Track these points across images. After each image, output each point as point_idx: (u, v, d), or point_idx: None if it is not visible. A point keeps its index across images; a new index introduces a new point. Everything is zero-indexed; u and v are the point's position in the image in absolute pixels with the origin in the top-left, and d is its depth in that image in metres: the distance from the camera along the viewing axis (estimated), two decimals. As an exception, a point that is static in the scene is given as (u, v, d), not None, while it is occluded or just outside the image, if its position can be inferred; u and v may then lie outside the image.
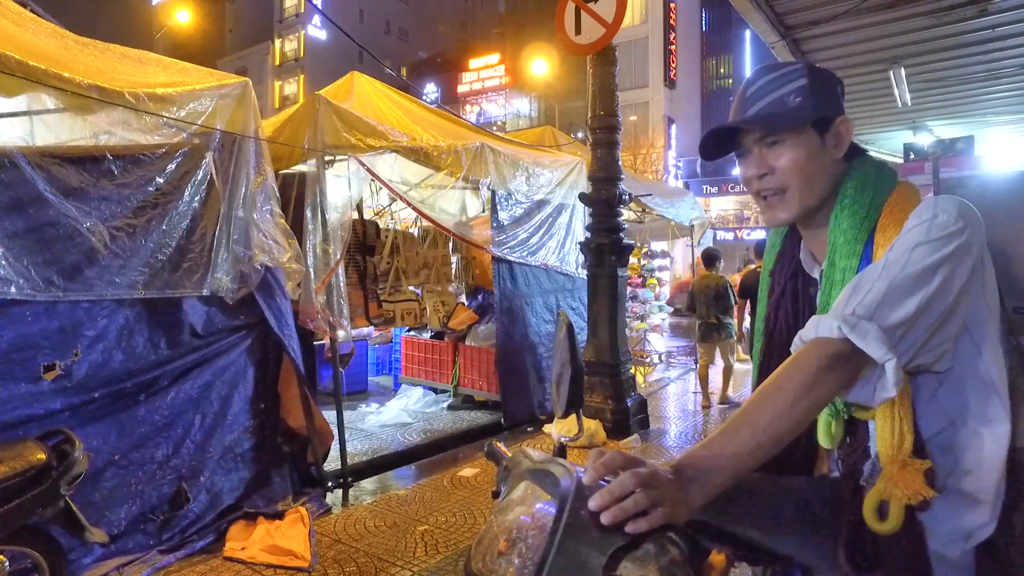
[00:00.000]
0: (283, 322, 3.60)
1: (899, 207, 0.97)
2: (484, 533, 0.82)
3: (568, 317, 1.09)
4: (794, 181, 1.02)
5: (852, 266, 0.97)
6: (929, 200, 0.93)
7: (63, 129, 3.20)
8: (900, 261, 0.87)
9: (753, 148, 1.05)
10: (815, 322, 0.86)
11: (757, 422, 0.80)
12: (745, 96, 1.06)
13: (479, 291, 6.83)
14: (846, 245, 0.99)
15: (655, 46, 25.85)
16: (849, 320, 0.83)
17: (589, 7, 5.11)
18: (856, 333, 0.82)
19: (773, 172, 1.03)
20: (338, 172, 4.42)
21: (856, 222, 0.99)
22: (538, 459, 0.89)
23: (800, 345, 0.88)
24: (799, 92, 1.02)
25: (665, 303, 9.37)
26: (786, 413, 0.81)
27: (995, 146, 8.40)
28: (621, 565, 0.67)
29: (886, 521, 0.90)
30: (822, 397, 0.84)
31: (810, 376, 0.82)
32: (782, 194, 1.04)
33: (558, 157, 6.33)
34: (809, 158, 1.02)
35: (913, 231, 0.89)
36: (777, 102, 1.02)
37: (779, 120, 1.02)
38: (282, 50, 38.53)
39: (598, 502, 0.69)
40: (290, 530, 3.27)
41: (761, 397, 0.84)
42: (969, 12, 5.12)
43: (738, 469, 0.79)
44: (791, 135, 1.02)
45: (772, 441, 0.81)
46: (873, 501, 0.91)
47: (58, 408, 2.83)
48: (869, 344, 0.81)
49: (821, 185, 1.03)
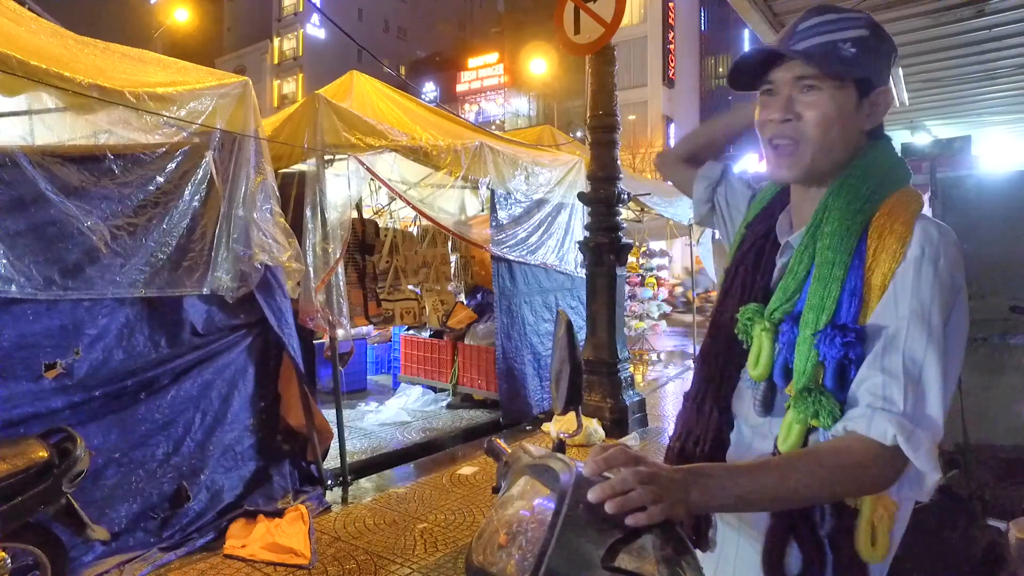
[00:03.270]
0: (283, 321, 3.61)
1: (899, 208, 0.93)
2: (484, 527, 0.84)
3: (567, 315, 1.10)
4: (816, 136, 0.94)
5: (843, 262, 0.92)
6: (937, 241, 0.89)
7: (63, 128, 3.21)
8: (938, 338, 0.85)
9: (784, 89, 0.95)
10: (867, 416, 0.83)
11: (785, 477, 0.80)
12: (796, 29, 0.95)
13: (478, 290, 6.84)
14: (836, 236, 0.93)
15: (654, 45, 25.86)
16: (905, 428, 0.81)
17: (588, 7, 5.12)
18: (911, 445, 0.81)
19: (799, 119, 0.94)
20: (337, 171, 4.43)
21: (851, 211, 0.94)
22: (538, 455, 0.90)
23: (842, 432, 0.86)
24: (857, 43, 0.92)
25: (663, 301, 9.41)
26: (813, 486, 0.81)
27: (992, 146, 8.42)
28: (619, 557, 0.68)
29: (876, 547, 0.90)
30: (860, 489, 0.86)
31: (853, 468, 0.82)
32: (795, 147, 0.96)
33: (557, 156, 6.34)
34: (840, 117, 0.94)
35: (937, 285, 0.87)
36: (831, 45, 0.92)
37: (828, 63, 0.92)
38: (281, 49, 38.48)
39: (598, 494, 0.70)
40: (290, 528, 3.28)
41: (801, 458, 0.85)
42: (967, 13, 5.14)
43: (745, 503, 0.80)
44: (831, 86, 0.93)
45: (787, 499, 0.82)
46: (865, 528, 0.91)
47: (59, 406, 2.84)
48: (921, 458, 0.81)
49: (839, 151, 0.96)
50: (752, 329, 1.00)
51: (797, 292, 0.97)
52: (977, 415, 3.78)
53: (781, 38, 0.97)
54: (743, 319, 1.02)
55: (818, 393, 0.89)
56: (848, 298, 0.91)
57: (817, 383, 0.91)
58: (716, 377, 1.08)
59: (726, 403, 1.06)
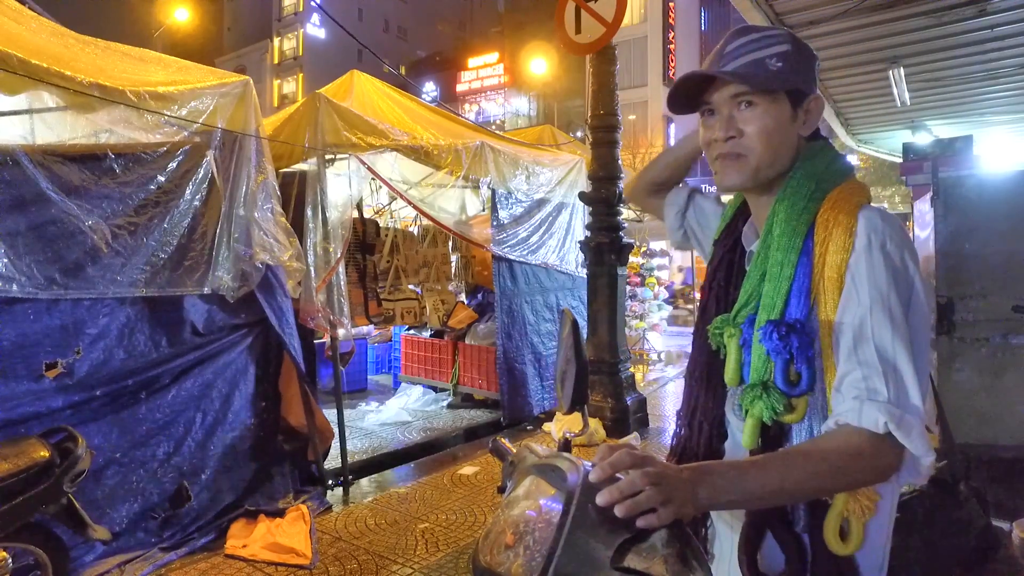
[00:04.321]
0: (284, 320, 3.61)
1: (841, 200, 0.96)
2: (491, 527, 0.83)
3: (572, 313, 1.09)
4: (758, 148, 0.98)
5: (791, 260, 0.96)
6: (882, 228, 0.92)
7: (64, 127, 3.20)
8: (900, 322, 0.88)
9: (724, 108, 1.00)
10: (856, 409, 0.85)
11: (788, 472, 0.82)
12: (724, 52, 1.00)
13: (479, 290, 6.84)
14: (783, 237, 0.97)
15: (654, 45, 25.86)
16: (894, 415, 0.83)
17: (589, 6, 5.11)
18: (902, 430, 0.83)
19: (741, 135, 0.99)
20: (338, 171, 4.43)
21: (795, 211, 0.97)
22: (544, 454, 0.90)
23: (834, 427, 0.87)
24: (781, 57, 0.97)
25: (664, 301, 9.40)
26: (817, 478, 0.83)
27: (993, 146, 8.42)
28: (628, 557, 0.68)
29: (848, 542, 0.91)
30: (866, 479, 0.87)
31: (856, 458, 0.84)
32: (740, 157, 1.00)
33: (558, 156, 6.34)
34: (778, 128, 0.98)
35: (891, 271, 0.89)
36: (758, 63, 0.97)
37: (759, 80, 0.97)
38: (281, 48, 38.47)
39: (607, 497, 0.69)
40: (291, 528, 3.28)
41: (803, 452, 0.87)
42: (968, 12, 5.14)
43: (750, 499, 0.83)
44: (766, 101, 0.97)
45: (793, 493, 0.84)
46: (834, 522, 0.92)
47: (60, 406, 2.83)
48: (913, 441, 0.83)
49: (782, 159, 1.00)
50: (722, 338, 1.03)
51: (756, 295, 1.00)
52: (979, 415, 3.78)
53: (711, 60, 1.02)
54: (713, 330, 1.05)
55: (761, 388, 0.93)
56: (797, 294, 0.95)
57: (765, 379, 0.94)
58: (703, 392, 1.11)
59: (717, 414, 1.08)
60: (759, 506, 0.92)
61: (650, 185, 1.41)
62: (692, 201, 1.35)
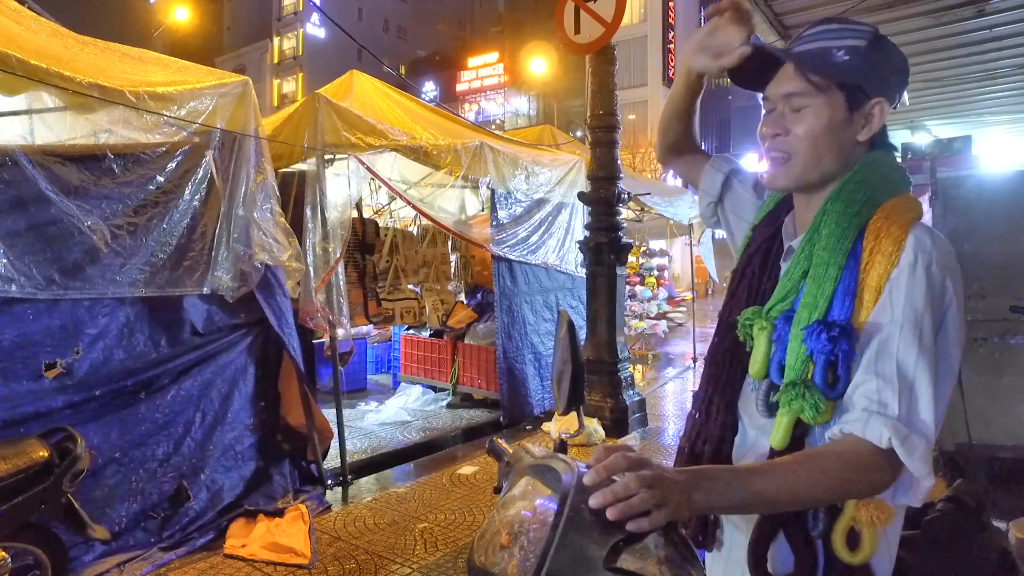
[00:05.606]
0: (283, 320, 3.61)
1: (896, 213, 0.94)
2: (486, 527, 0.84)
3: (569, 314, 1.10)
4: (803, 150, 0.97)
5: (837, 262, 0.94)
6: (930, 249, 0.90)
7: (63, 128, 3.21)
8: (929, 345, 0.86)
9: (777, 104, 0.99)
10: (863, 420, 0.84)
11: (785, 481, 0.81)
12: (802, 34, 0.99)
13: (478, 289, 6.84)
14: (832, 237, 0.95)
15: (654, 45, 25.84)
16: (900, 432, 0.82)
17: (588, 6, 5.12)
18: (905, 449, 0.82)
19: (787, 134, 0.98)
20: (338, 171, 4.43)
21: (848, 215, 0.95)
22: (540, 455, 0.90)
23: (839, 436, 0.87)
24: (851, 51, 0.94)
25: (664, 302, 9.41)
26: (814, 487, 0.83)
27: (992, 146, 8.43)
28: (621, 557, 0.68)
29: (857, 551, 0.90)
30: (858, 492, 0.87)
31: (853, 470, 0.83)
32: (787, 158, 0.99)
33: (557, 156, 6.34)
34: (827, 131, 0.96)
35: (926, 295, 0.88)
36: (825, 51, 0.95)
37: (814, 65, 0.94)
38: (281, 48, 38.45)
39: (599, 500, 0.69)
40: (290, 527, 3.28)
41: (802, 460, 0.86)
42: (967, 13, 5.14)
43: (748, 505, 0.82)
44: (818, 102, 0.95)
45: (789, 501, 0.83)
46: (843, 530, 0.91)
47: (59, 406, 2.84)
48: (915, 462, 0.82)
49: (830, 163, 0.98)
50: (751, 329, 1.02)
51: (793, 292, 0.99)
52: (977, 415, 3.78)
53: (790, 42, 1.01)
54: (743, 321, 1.04)
55: (803, 387, 0.91)
56: (842, 296, 0.93)
57: (804, 378, 0.92)
58: (722, 378, 1.09)
59: (733, 404, 1.07)
60: (756, 512, 0.92)
61: (669, 147, 1.37)
62: (728, 190, 1.29)
